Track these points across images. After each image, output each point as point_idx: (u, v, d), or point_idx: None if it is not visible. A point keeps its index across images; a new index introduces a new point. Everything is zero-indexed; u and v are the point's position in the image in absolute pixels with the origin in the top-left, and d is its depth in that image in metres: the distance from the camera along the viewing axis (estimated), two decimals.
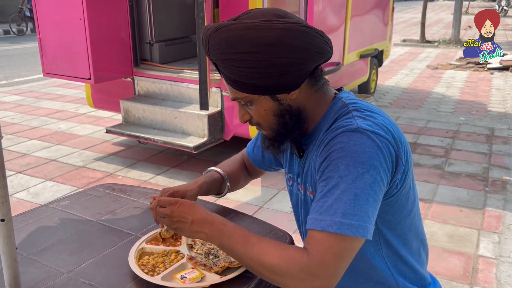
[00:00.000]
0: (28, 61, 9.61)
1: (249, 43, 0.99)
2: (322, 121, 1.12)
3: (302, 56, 1.02)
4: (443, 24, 18.11)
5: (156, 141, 3.97)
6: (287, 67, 1.01)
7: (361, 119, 1.04)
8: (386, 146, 1.01)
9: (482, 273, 2.62)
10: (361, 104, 1.11)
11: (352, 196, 0.96)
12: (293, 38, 1.00)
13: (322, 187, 1.00)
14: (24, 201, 3.46)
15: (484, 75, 8.50)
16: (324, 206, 0.97)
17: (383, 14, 6.35)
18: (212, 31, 1.03)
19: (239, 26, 1.00)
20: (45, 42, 3.99)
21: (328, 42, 1.07)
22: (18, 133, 5.08)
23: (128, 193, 1.63)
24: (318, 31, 1.05)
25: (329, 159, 1.01)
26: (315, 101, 1.12)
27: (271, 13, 1.04)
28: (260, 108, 1.10)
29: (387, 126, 1.05)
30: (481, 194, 3.60)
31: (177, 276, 1.11)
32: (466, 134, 5.07)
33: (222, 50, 1.02)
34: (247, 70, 1.01)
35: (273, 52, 0.99)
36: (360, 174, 0.96)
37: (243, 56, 1.00)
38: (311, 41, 1.02)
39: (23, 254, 1.23)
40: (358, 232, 0.95)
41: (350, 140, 0.99)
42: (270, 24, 0.99)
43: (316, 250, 0.96)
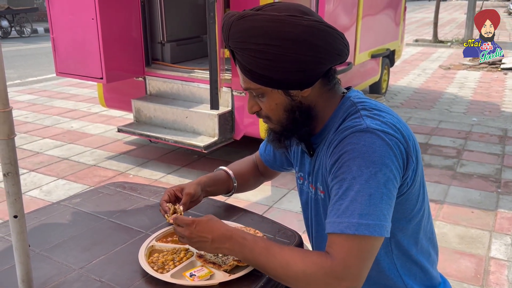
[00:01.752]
0: (41, 61, 9.72)
1: (273, 36, 0.99)
2: (331, 120, 1.12)
3: (321, 56, 1.02)
4: (456, 23, 17.94)
5: (167, 140, 3.99)
6: (305, 64, 1.02)
7: (369, 119, 1.04)
8: (396, 144, 1.01)
9: (494, 275, 2.59)
10: (369, 103, 1.11)
11: (367, 196, 0.96)
12: (316, 36, 1.00)
13: (337, 190, 1.01)
14: (36, 199, 3.51)
15: (498, 76, 8.41)
16: (340, 208, 0.98)
17: (394, 13, 6.31)
18: (236, 19, 1.02)
19: (265, 18, 1.00)
20: (58, 42, 4.03)
21: (347, 45, 1.08)
22: (31, 132, 5.14)
23: (139, 191, 1.64)
24: (339, 32, 1.06)
25: (340, 160, 1.01)
26: (326, 100, 1.12)
27: (296, 8, 1.03)
28: (272, 101, 1.10)
29: (395, 124, 1.05)
30: (493, 195, 3.56)
31: (186, 274, 1.12)
32: (479, 135, 5.02)
33: (244, 39, 1.02)
34: (265, 62, 1.01)
35: (295, 48, 0.99)
36: (373, 174, 0.97)
37: (264, 47, 1.00)
38: (332, 42, 1.03)
39: (36, 250, 1.25)
40: (375, 232, 0.96)
41: (360, 141, 0.99)
42: (295, 19, 0.99)
43: (337, 253, 0.97)
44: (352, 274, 0.96)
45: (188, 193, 1.34)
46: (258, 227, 1.32)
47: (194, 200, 1.37)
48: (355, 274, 0.96)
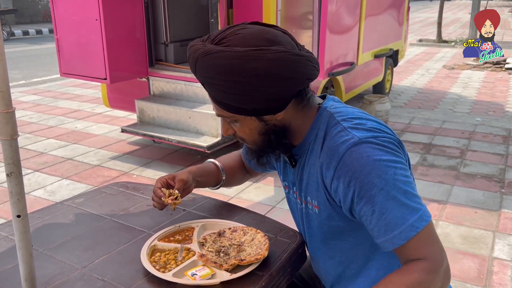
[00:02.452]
0: (46, 62, 9.76)
1: (238, 73, 0.98)
2: (311, 132, 1.13)
3: (290, 84, 1.02)
4: (460, 23, 17.88)
5: (170, 140, 4.01)
6: (274, 94, 1.02)
7: (355, 130, 1.05)
8: (389, 141, 1.04)
9: (497, 275, 2.59)
10: (346, 112, 1.11)
11: (404, 196, 0.99)
12: (283, 68, 0.99)
13: (371, 208, 1.00)
14: (41, 199, 3.53)
15: (502, 75, 8.38)
16: (390, 222, 0.99)
17: (398, 13, 6.30)
18: (200, 55, 1.00)
19: (228, 55, 0.97)
20: (62, 43, 4.05)
21: (316, 66, 1.07)
22: (35, 132, 5.17)
23: (142, 191, 1.65)
24: (307, 57, 1.04)
25: (356, 182, 1.00)
26: (301, 116, 1.12)
27: (260, 37, 1.00)
28: (245, 127, 1.10)
29: (378, 127, 1.07)
30: (497, 195, 3.56)
31: (188, 273, 1.12)
32: (483, 135, 5.01)
33: (210, 75, 1.01)
34: (234, 96, 1.02)
35: (262, 82, 0.99)
36: (394, 175, 0.99)
37: (231, 84, 1.00)
38: (300, 70, 1.02)
39: (39, 249, 1.26)
40: (427, 217, 1.01)
41: (362, 154, 1.00)
42: (260, 53, 0.97)
43: (421, 253, 1.00)
44: (443, 257, 1.01)
45: (180, 179, 1.34)
46: (260, 227, 1.33)
47: (186, 188, 1.36)
48: (444, 256, 1.02)
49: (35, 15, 16.74)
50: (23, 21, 16.22)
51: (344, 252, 1.16)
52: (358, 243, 1.13)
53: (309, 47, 4.01)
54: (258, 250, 1.19)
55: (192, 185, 1.38)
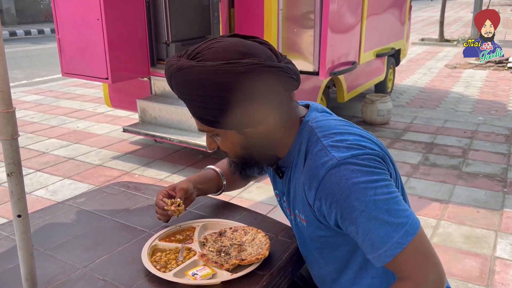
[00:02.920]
0: (48, 61, 9.78)
1: (211, 87, 0.97)
2: (294, 147, 1.12)
3: (266, 96, 1.01)
4: (462, 22, 17.84)
5: (172, 140, 4.01)
6: (250, 107, 1.01)
7: (334, 149, 1.02)
8: (369, 159, 1.01)
9: (499, 275, 2.58)
10: (328, 126, 1.09)
11: (386, 214, 0.97)
12: (254, 81, 0.97)
13: (355, 229, 1.00)
14: (42, 199, 3.53)
15: (504, 74, 8.36)
16: (374, 242, 0.98)
17: (400, 12, 6.29)
18: (174, 71, 1.00)
19: (200, 70, 0.97)
20: (64, 43, 4.06)
21: (294, 76, 1.05)
22: (37, 132, 5.18)
23: (143, 191, 1.65)
24: (283, 67, 1.02)
25: (336, 205, 1.00)
26: (283, 130, 1.11)
27: (234, 49, 1.00)
28: (227, 141, 1.10)
29: (359, 143, 1.04)
30: (499, 195, 3.55)
31: (188, 273, 1.12)
32: (485, 134, 5.00)
33: (185, 90, 1.01)
34: (211, 111, 1.01)
35: (235, 96, 0.98)
36: (373, 196, 0.97)
37: (206, 98, 0.99)
38: (275, 81, 1.01)
39: (40, 249, 1.26)
40: (414, 230, 0.98)
41: (341, 178, 0.98)
42: (231, 67, 0.96)
43: (407, 271, 1.00)
44: (434, 274, 0.99)
45: (181, 189, 1.35)
46: (260, 226, 1.33)
47: (187, 197, 1.37)
48: (435, 272, 0.99)
49: (37, 15, 16.76)
50: (25, 21, 16.24)
51: (339, 260, 1.15)
52: (351, 250, 1.12)
53: (311, 46, 4.01)
54: (259, 250, 1.19)
55: (194, 193, 1.39)
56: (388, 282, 1.07)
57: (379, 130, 5.18)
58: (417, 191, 3.61)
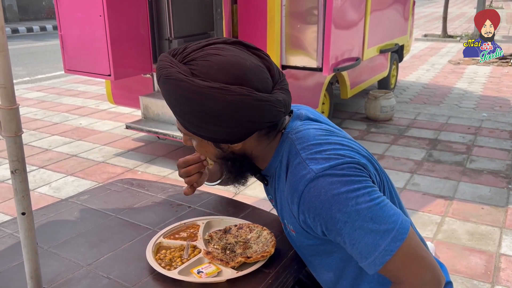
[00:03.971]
0: (50, 58, 9.77)
1: (194, 106, 0.96)
2: (275, 159, 1.11)
3: (247, 125, 1.00)
4: (466, 18, 17.76)
5: (175, 137, 4.00)
6: (231, 131, 1.00)
7: (312, 161, 1.00)
8: (348, 168, 0.99)
9: (504, 272, 2.57)
10: (307, 137, 1.06)
11: (370, 222, 0.95)
12: (240, 112, 0.96)
13: (341, 239, 0.99)
14: (46, 196, 3.53)
15: (508, 70, 8.32)
16: (362, 250, 0.97)
17: (403, 8, 6.25)
18: (163, 75, 0.98)
19: (187, 87, 0.95)
20: (66, 39, 4.05)
21: (282, 109, 1.03)
22: (40, 129, 5.18)
23: (147, 188, 1.65)
24: (271, 100, 0.99)
25: (320, 219, 0.98)
26: (263, 147, 1.10)
27: (228, 72, 0.96)
28: (202, 148, 1.10)
29: (338, 152, 1.02)
30: (503, 191, 3.53)
31: (193, 271, 1.11)
32: (489, 131, 4.97)
33: (169, 98, 1.01)
34: (190, 124, 1.01)
35: (217, 120, 0.97)
36: (355, 205, 0.95)
37: (187, 113, 0.99)
38: (261, 115, 0.99)
39: (44, 247, 1.25)
40: (402, 235, 0.96)
41: (320, 191, 0.96)
42: (219, 93, 0.94)
43: (400, 276, 0.99)
44: (428, 276, 0.98)
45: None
46: (265, 223, 1.32)
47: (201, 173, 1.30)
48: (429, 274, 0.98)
49: (39, 12, 16.75)
50: (27, 18, 16.24)
51: (333, 267, 1.14)
52: (345, 258, 1.10)
53: (314, 42, 3.99)
54: (265, 247, 1.18)
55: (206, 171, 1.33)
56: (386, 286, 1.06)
57: (382, 127, 5.16)
58: (421, 188, 3.60)
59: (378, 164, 1.12)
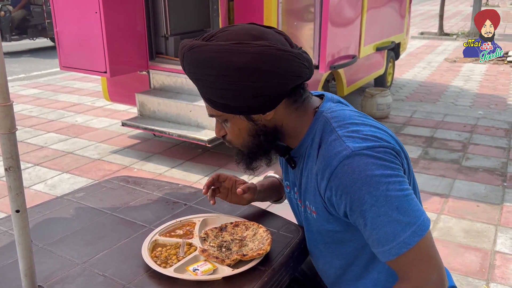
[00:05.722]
0: (46, 55, 9.73)
1: (220, 66, 0.97)
2: (307, 137, 1.10)
3: (274, 80, 1.00)
4: (462, 16, 17.79)
5: (171, 134, 3.99)
6: (259, 90, 1.00)
7: (349, 139, 1.01)
8: (385, 152, 1.00)
9: (499, 269, 2.58)
10: (343, 117, 1.07)
11: (396, 211, 0.96)
12: (264, 63, 0.97)
13: (363, 222, 0.99)
14: (41, 193, 3.52)
15: (504, 68, 8.34)
16: (380, 237, 0.98)
17: (400, 6, 6.26)
18: (186, 50, 1.01)
19: (211, 48, 0.98)
20: (62, 36, 4.03)
21: (306, 64, 1.04)
22: (35, 126, 5.15)
23: (142, 185, 1.64)
24: (295, 53, 1.01)
25: (347, 197, 0.99)
26: (295, 119, 1.09)
27: (247, 33, 1.00)
28: (235, 127, 1.09)
29: (374, 134, 1.03)
30: (499, 189, 3.54)
31: (189, 268, 1.11)
32: (485, 128, 4.99)
33: (195, 70, 1.01)
34: (219, 91, 1.01)
35: (244, 77, 0.97)
36: (385, 190, 0.96)
37: (214, 78, 0.99)
38: (285, 65, 0.99)
39: (39, 244, 1.25)
40: (422, 231, 0.97)
41: (354, 169, 0.97)
42: (242, 47, 0.96)
43: (409, 272, 1.00)
44: (434, 277, 0.99)
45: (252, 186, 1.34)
46: (262, 221, 1.32)
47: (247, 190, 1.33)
48: (436, 275, 0.99)
49: None
50: None
51: (345, 255, 1.14)
52: (359, 247, 1.11)
53: (311, 39, 3.99)
54: (261, 245, 1.18)
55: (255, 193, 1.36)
56: (393, 277, 1.06)
57: None
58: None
59: (407, 154, 1.11)
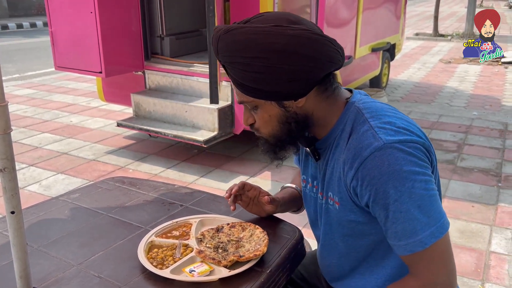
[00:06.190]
0: (40, 55, 9.68)
1: (258, 48, 0.97)
2: (337, 127, 1.10)
3: (310, 65, 1.00)
4: (457, 17, 17.87)
5: (166, 134, 3.98)
6: (295, 74, 1.00)
7: (382, 131, 1.01)
8: (415, 148, 1.00)
9: (494, 269, 2.59)
10: (375, 108, 1.08)
11: (417, 210, 0.97)
12: (302, 46, 0.98)
13: (384, 214, 1.00)
14: (36, 194, 3.50)
15: (498, 69, 8.38)
16: (398, 231, 0.99)
17: (395, 7, 6.28)
18: (222, 33, 1.01)
19: (249, 30, 0.99)
20: (57, 36, 4.00)
21: (339, 51, 1.05)
22: (30, 126, 5.13)
23: (138, 186, 1.63)
24: (330, 39, 1.02)
25: (372, 188, 0.99)
26: (326, 108, 1.09)
27: (283, 18, 1.01)
28: (265, 113, 1.08)
29: (407, 127, 1.03)
30: (493, 189, 3.56)
31: (186, 270, 1.11)
32: (479, 129, 5.01)
33: (230, 53, 1.01)
34: (254, 75, 1.00)
35: (281, 59, 0.97)
36: (411, 188, 0.96)
37: (250, 60, 0.99)
38: (321, 50, 1.00)
39: (34, 246, 1.24)
40: (441, 233, 0.98)
41: (383, 162, 0.97)
42: (281, 30, 0.97)
43: (421, 270, 1.01)
44: (443, 278, 1.00)
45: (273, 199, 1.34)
46: (258, 222, 1.32)
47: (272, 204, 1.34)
48: (445, 277, 1.00)
49: (29, 8, 16.58)
50: (17, 14, 16.07)
51: (362, 249, 1.14)
52: (377, 241, 1.11)
53: None
54: (257, 246, 1.18)
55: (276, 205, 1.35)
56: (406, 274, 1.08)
57: None
58: None
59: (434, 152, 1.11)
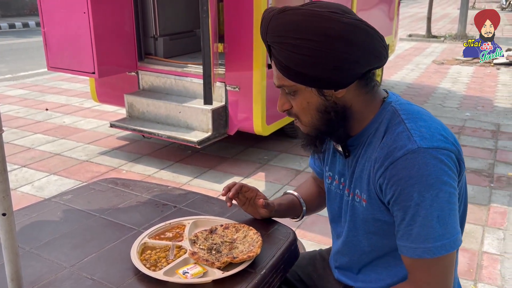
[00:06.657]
0: (33, 55, 9.62)
1: (311, 31, 0.98)
2: (372, 125, 1.10)
3: (359, 55, 1.01)
4: (450, 18, 17.97)
5: (160, 135, 3.97)
6: (341, 62, 1.00)
7: (418, 134, 1.01)
8: (448, 156, 1.00)
9: (487, 269, 2.60)
10: (412, 110, 1.08)
11: (435, 219, 0.97)
12: (355, 35, 0.99)
13: (402, 215, 1.01)
14: (28, 195, 3.47)
15: (490, 71, 8.44)
16: (412, 234, 1.00)
17: (388, 8, 6.30)
18: (276, 13, 1.02)
19: (305, 12, 0.99)
20: (50, 36, 3.98)
21: (385, 48, 1.06)
22: (22, 127, 5.09)
23: (131, 187, 1.63)
24: (380, 35, 1.04)
25: (397, 187, 1.00)
26: (363, 103, 1.10)
27: (337, 7, 1.02)
28: (304, 100, 1.08)
29: (442, 132, 1.03)
30: (486, 190, 3.58)
31: (179, 271, 1.10)
32: (472, 130, 5.04)
33: (282, 33, 1.01)
34: (301, 57, 1.00)
35: (333, 45, 0.98)
36: (435, 196, 0.97)
37: (302, 42, 0.99)
38: (371, 43, 1.02)
39: (25, 248, 1.23)
40: (451, 248, 0.99)
41: (414, 164, 0.98)
42: (336, 16, 0.99)
43: (420, 278, 1.02)
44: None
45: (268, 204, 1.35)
46: (252, 223, 1.31)
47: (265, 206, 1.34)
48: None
49: (22, 8, 16.48)
50: (9, 14, 15.96)
51: (384, 248, 1.15)
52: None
53: None
54: (251, 248, 1.18)
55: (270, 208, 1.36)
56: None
57: None
58: None
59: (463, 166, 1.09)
